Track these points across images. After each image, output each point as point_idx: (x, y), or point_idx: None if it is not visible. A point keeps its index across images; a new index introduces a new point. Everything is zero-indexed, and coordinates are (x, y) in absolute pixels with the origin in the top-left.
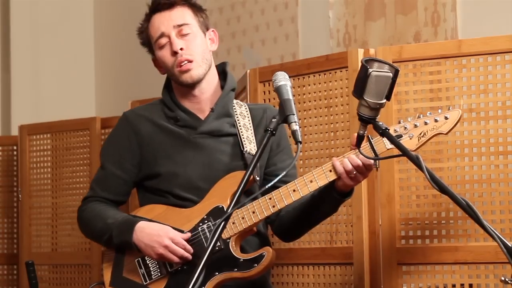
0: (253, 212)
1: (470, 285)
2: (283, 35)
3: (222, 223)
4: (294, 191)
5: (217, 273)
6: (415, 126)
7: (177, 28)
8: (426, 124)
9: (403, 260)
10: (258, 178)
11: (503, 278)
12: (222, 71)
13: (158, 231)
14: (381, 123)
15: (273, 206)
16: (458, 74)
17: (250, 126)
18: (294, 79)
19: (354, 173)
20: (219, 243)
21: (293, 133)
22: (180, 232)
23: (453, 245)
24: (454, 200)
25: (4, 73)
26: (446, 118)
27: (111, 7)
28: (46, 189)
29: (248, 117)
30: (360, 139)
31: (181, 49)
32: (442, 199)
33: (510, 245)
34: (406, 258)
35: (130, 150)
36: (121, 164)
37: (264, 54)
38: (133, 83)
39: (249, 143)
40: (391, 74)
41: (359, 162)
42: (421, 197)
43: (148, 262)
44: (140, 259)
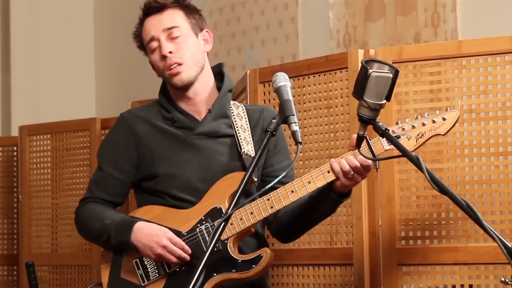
0: (251, 213)
1: (470, 286)
2: (283, 36)
3: (222, 224)
4: (292, 192)
5: (215, 274)
6: (413, 127)
7: (167, 32)
8: (424, 125)
9: (403, 261)
10: (256, 179)
11: (503, 279)
12: (219, 72)
13: (157, 231)
14: (381, 124)
15: (271, 207)
16: (458, 75)
17: (247, 127)
18: (294, 80)
19: (352, 174)
20: (218, 244)
21: (293, 134)
22: (178, 233)
23: (453, 246)
24: (454, 201)
25: (4, 74)
26: (444, 119)
27: (111, 8)
28: (46, 190)
29: (245, 118)
30: (360, 140)
31: (170, 53)
32: (442, 200)
33: (510, 246)
34: (406, 259)
35: (128, 151)
36: (119, 165)
37: (264, 55)
38: (133, 84)
39: (247, 144)
40: (391, 75)
41: (357, 163)
42: (421, 198)
43: (146, 263)
44: (138, 260)
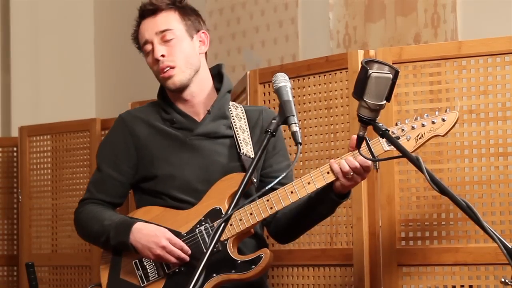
0: (251, 214)
1: (470, 286)
2: (283, 36)
3: (222, 225)
4: (292, 193)
5: (215, 275)
6: (413, 128)
7: (160, 34)
8: (424, 126)
9: (403, 261)
10: (256, 180)
11: (503, 280)
12: (218, 73)
13: (156, 232)
14: (381, 125)
15: (271, 208)
16: (458, 76)
17: (246, 128)
18: (294, 81)
19: (352, 174)
20: (217, 245)
21: (293, 135)
22: (177, 234)
23: (453, 246)
24: (454, 201)
25: (4, 74)
26: (443, 120)
27: (111, 8)
28: (46, 191)
29: (244, 119)
30: (360, 141)
31: (163, 56)
32: (442, 200)
33: (510, 246)
34: (406, 259)
35: (127, 152)
36: (118, 166)
37: (264, 56)
38: (133, 85)
39: (246, 145)
40: (391, 76)
41: (357, 164)
42: (421, 198)
43: (146, 264)
44: (138, 261)
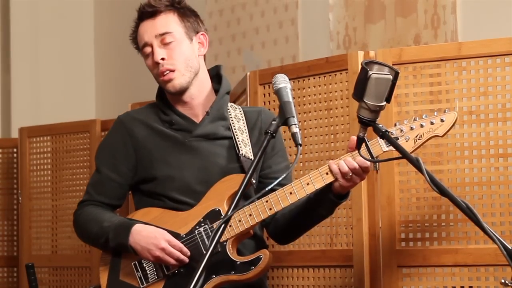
0: (250, 215)
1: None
2: (283, 38)
3: (222, 226)
4: (291, 194)
5: (214, 276)
6: (411, 129)
7: (160, 37)
8: (422, 127)
9: (403, 263)
10: (255, 181)
11: (503, 281)
12: (216, 74)
13: (155, 233)
14: (381, 126)
15: (270, 209)
16: (458, 77)
17: (245, 129)
18: (294, 82)
19: (351, 175)
20: (217, 246)
21: (293, 136)
22: (176, 236)
23: (453, 248)
24: (454, 203)
25: (4, 75)
26: (442, 121)
27: (111, 9)
28: (46, 192)
29: (243, 120)
30: (360, 142)
31: (163, 59)
32: (442, 202)
33: (510, 248)
34: (406, 261)
35: (126, 154)
36: (117, 168)
37: (264, 57)
38: (133, 86)
39: (245, 146)
40: (391, 77)
41: (356, 165)
42: (421, 200)
43: (145, 265)
44: (137, 262)
